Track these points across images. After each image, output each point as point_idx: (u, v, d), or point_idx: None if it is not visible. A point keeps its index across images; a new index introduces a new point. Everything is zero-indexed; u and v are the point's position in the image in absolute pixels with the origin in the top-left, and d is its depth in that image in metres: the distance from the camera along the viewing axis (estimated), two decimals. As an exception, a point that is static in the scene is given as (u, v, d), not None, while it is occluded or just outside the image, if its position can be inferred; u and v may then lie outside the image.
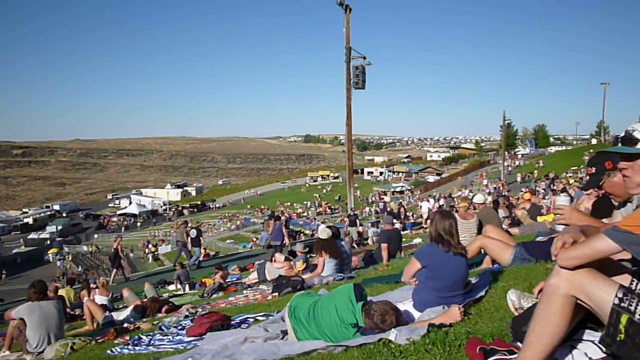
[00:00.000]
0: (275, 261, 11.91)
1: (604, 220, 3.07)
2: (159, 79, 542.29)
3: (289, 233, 22.70)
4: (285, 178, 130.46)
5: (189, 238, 20.03)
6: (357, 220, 25.05)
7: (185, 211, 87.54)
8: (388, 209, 35.37)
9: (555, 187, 25.95)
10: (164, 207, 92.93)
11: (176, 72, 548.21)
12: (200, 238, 20.93)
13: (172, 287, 15.73)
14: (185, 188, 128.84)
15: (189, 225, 22.69)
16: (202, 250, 22.62)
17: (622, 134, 2.37)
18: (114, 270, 21.30)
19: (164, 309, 9.17)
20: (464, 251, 4.30)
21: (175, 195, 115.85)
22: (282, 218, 23.76)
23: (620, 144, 2.37)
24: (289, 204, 72.36)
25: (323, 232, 8.96)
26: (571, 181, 31.06)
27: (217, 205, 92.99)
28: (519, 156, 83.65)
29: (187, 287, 14.45)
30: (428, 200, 36.63)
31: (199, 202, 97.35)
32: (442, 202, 34.82)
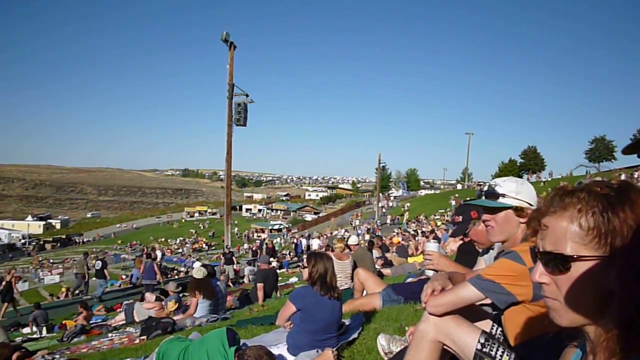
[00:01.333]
0: (145, 301, 11.28)
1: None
2: (23, 100, 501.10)
3: (162, 270, 21.76)
4: (160, 212, 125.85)
5: (93, 269, 19.04)
6: (234, 258, 24.63)
7: (47, 245, 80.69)
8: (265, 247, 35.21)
9: (424, 229, 27.47)
10: (22, 241, 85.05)
11: (46, 94, 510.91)
12: (105, 270, 20.13)
13: (26, 330, 14.24)
14: (49, 220, 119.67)
15: (91, 256, 21.47)
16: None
17: (486, 188, 2.55)
18: (5, 304, 19.08)
19: (14, 356, 8.24)
20: (339, 294, 4.34)
21: (36, 228, 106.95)
22: (154, 255, 22.88)
23: (484, 197, 2.54)
24: (163, 239, 69.63)
25: (198, 272, 8.66)
26: (439, 223, 33.05)
27: (85, 240, 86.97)
28: (392, 198, 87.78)
29: (44, 330, 13.18)
30: (319, 238, 37.19)
31: (63, 236, 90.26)
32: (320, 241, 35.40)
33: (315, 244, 32.61)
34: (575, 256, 1.02)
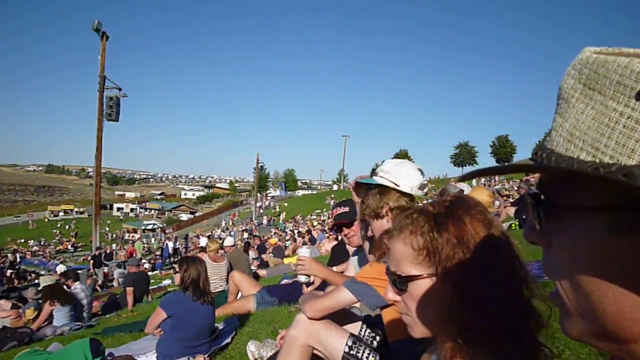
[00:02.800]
0: (-1, 309, 10.28)
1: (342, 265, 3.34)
2: None
3: (20, 274, 20.02)
4: (20, 211, 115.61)
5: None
6: (103, 260, 23.29)
7: None
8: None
9: (301, 229, 27.91)
10: None
11: None
12: None
13: None
14: None
15: None
16: None
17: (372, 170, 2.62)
18: None
19: None
20: (212, 298, 4.26)
21: None
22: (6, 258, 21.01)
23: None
24: (22, 240, 64.05)
25: (46, 279, 8.09)
26: (315, 223, 33.74)
27: None
28: (269, 197, 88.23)
29: None
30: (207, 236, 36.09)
31: None
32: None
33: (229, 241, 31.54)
34: (409, 276, 1.10)
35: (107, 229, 62.80)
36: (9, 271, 16.24)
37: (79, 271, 12.31)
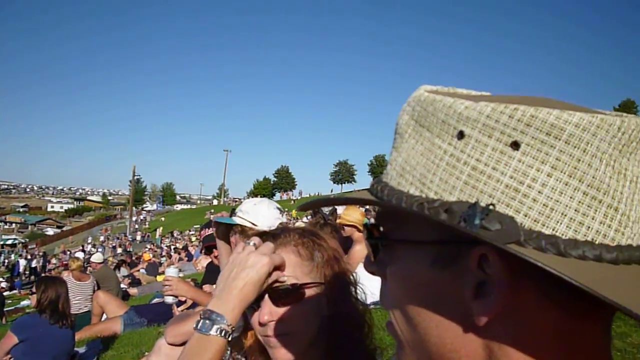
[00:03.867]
0: None
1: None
2: None
3: None
4: None
5: None
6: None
7: None
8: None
9: (178, 245, 27.04)
10: None
11: None
12: None
13: None
14: None
15: None
16: None
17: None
18: None
19: None
20: (72, 321, 3.98)
21: None
22: None
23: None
24: None
25: None
26: (193, 239, 32.84)
27: None
28: (145, 212, 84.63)
29: None
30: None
31: None
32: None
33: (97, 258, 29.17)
34: (300, 284, 1.11)
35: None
36: None
37: None
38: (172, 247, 26.54)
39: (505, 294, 0.45)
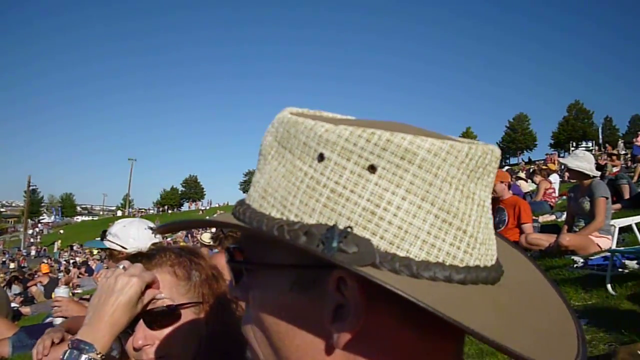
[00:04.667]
0: None
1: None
2: None
3: None
4: None
5: None
6: None
7: None
8: None
9: (78, 259, 25.67)
10: None
11: None
12: None
13: None
14: None
15: None
16: None
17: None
18: None
19: None
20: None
21: None
22: None
23: None
24: None
25: None
26: (94, 252, 31.31)
27: None
28: (42, 224, 79.64)
29: None
30: None
31: None
32: None
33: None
34: (181, 304, 1.09)
35: None
36: None
37: None
38: (72, 261, 25.09)
39: (361, 317, 0.46)
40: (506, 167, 42.18)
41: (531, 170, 19.45)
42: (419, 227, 0.45)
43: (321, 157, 0.47)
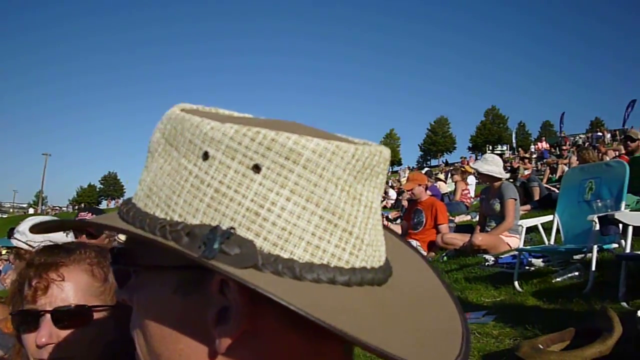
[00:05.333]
0: None
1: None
2: None
3: None
4: None
5: None
6: None
7: None
8: None
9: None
10: None
11: None
12: None
13: None
14: None
15: None
16: None
17: None
18: None
19: None
20: None
21: None
22: None
23: None
24: None
25: None
26: (3, 252, 29.45)
27: None
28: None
29: None
30: None
31: None
32: None
33: None
34: (89, 306, 1.04)
35: None
36: None
37: None
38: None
39: (243, 319, 0.45)
40: (426, 169, 43.73)
41: (450, 172, 20.19)
42: (304, 228, 0.45)
43: (206, 156, 0.46)
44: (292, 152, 0.44)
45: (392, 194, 18.62)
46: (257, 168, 0.44)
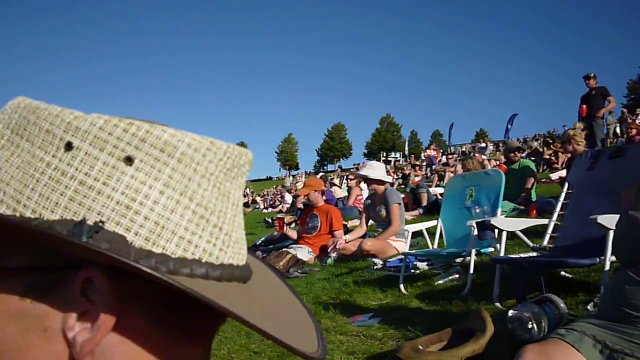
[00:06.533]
0: None
1: None
2: None
3: None
4: None
5: None
6: None
7: None
8: None
9: None
10: None
11: None
12: None
13: None
14: None
15: None
16: None
17: None
18: None
19: None
20: None
21: None
22: None
23: None
24: None
25: None
26: None
27: None
28: None
29: None
30: None
31: None
32: None
33: None
34: None
35: None
36: None
37: None
38: None
39: (109, 321, 0.42)
40: (321, 174, 44.40)
41: (344, 177, 20.65)
42: (177, 222, 0.43)
43: (69, 146, 0.42)
44: (168, 144, 0.43)
45: (288, 197, 18.73)
46: (129, 160, 0.42)
